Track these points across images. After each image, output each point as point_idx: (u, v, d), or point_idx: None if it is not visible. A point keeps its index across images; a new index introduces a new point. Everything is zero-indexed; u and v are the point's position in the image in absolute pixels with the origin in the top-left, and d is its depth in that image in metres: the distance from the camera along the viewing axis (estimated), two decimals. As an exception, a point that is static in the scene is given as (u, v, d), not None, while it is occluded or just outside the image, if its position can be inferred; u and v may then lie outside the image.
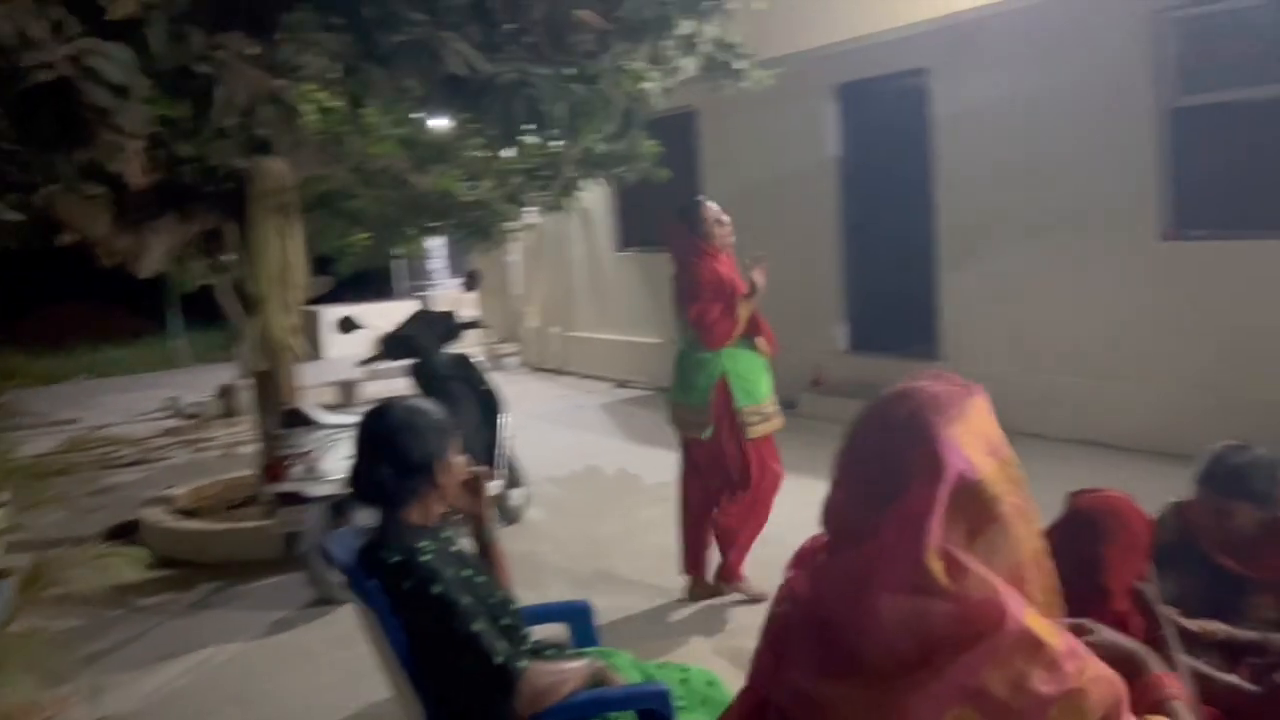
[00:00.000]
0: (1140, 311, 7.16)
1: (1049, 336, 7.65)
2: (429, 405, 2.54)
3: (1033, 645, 1.43)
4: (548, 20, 4.31)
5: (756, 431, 4.99)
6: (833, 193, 9.36)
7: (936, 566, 1.43)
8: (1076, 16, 7.14)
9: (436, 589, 2.28)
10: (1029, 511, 1.55)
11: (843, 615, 1.51)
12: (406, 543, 2.38)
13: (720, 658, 4.40)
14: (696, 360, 5.01)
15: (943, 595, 1.42)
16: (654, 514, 6.67)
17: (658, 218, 11.31)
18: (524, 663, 2.24)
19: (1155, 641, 2.60)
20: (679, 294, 5.00)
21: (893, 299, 9.37)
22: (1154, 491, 2.99)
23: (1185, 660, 2.65)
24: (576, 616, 2.86)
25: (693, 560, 5.22)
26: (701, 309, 4.86)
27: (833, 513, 1.65)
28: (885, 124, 9.25)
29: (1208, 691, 2.68)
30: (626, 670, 2.53)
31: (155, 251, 6.07)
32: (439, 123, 7.09)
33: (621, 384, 11.60)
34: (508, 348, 13.53)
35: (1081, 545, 2.50)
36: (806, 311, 9.64)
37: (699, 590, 5.17)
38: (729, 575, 5.13)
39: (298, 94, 4.35)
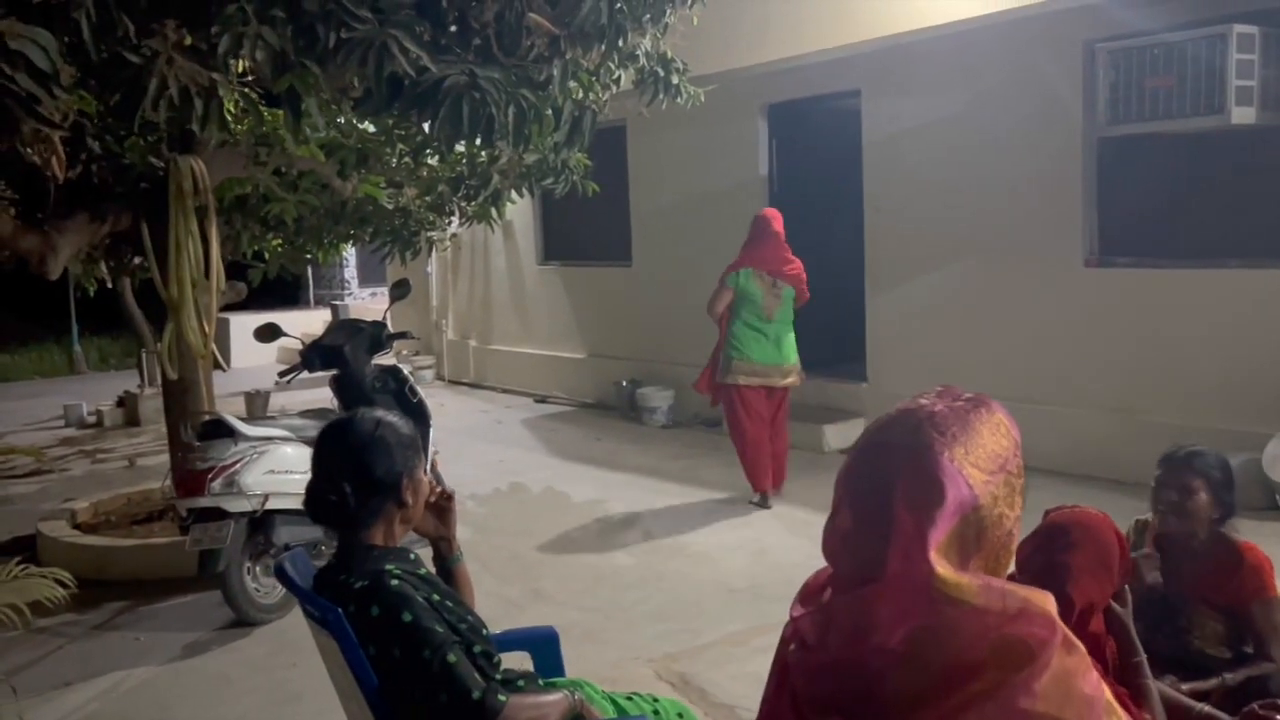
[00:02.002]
0: (1062, 337, 7.28)
1: (973, 360, 7.73)
2: (396, 418, 2.37)
3: (1069, 645, 1.40)
4: (498, 22, 4.17)
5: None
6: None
7: (955, 582, 1.37)
8: (1009, 44, 7.25)
9: (407, 616, 2.11)
10: (1020, 524, 1.52)
11: (854, 659, 1.43)
12: (371, 566, 2.21)
13: (663, 682, 4.29)
14: (790, 327, 6.96)
15: (972, 610, 1.36)
16: (584, 532, 6.55)
17: (582, 231, 11.31)
18: (503, 697, 2.09)
19: (1129, 668, 2.59)
20: (796, 277, 6.93)
21: (819, 319, 9.39)
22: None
23: (1159, 687, 2.64)
24: (543, 644, 2.72)
25: (765, 475, 6.84)
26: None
27: (836, 542, 1.58)
28: (816, 144, 9.30)
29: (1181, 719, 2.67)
30: (598, 701, 2.40)
31: (63, 252, 5.76)
32: (363, 127, 6.89)
33: (541, 399, 11.43)
34: (423, 360, 13.26)
35: (1049, 553, 2.48)
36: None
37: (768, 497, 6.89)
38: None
39: (230, 91, 4.13)
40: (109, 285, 9.04)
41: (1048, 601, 1.40)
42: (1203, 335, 6.61)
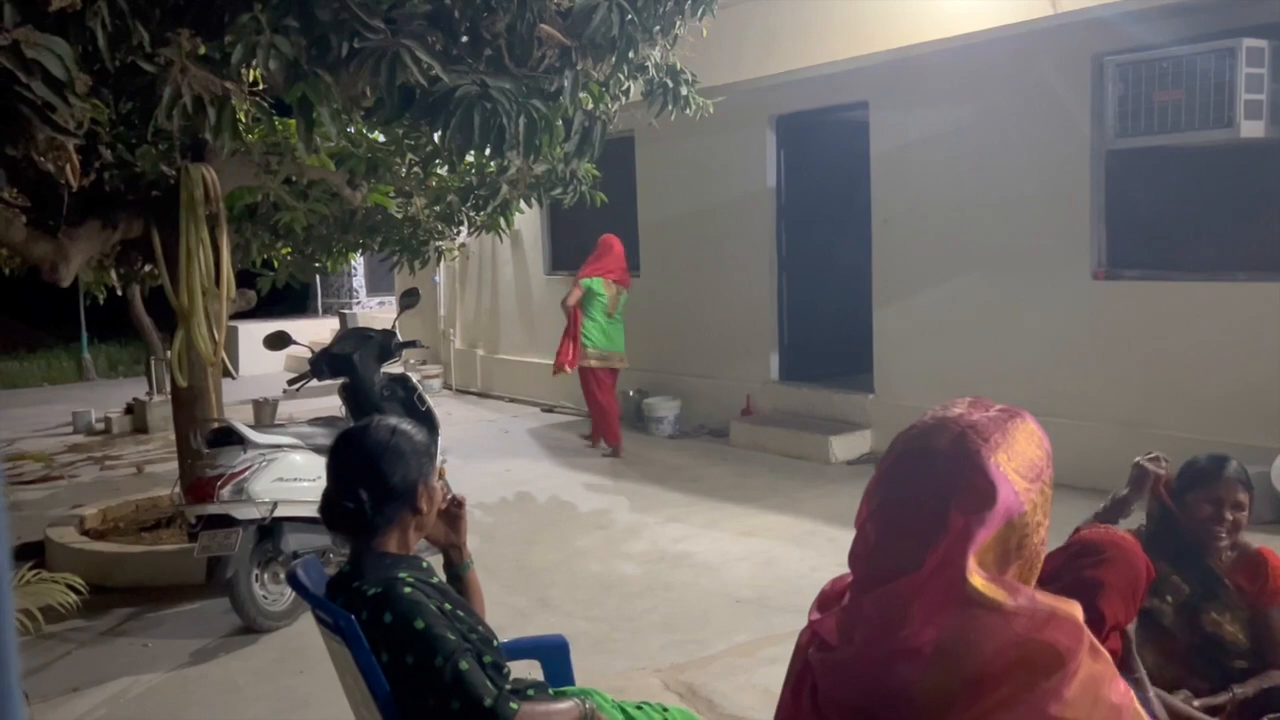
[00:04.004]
0: (1070, 349, 7.28)
1: (980, 372, 7.72)
2: (411, 426, 2.39)
3: (1095, 652, 1.42)
4: (509, 33, 4.20)
5: None
6: (769, 223, 9.38)
7: (986, 587, 1.38)
8: (1018, 57, 7.26)
9: (420, 624, 2.12)
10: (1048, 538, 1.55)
11: (880, 658, 1.44)
12: (385, 573, 2.22)
13: (670, 692, 4.29)
14: (622, 323, 9.13)
15: (1000, 614, 1.37)
16: (590, 541, 6.55)
17: (590, 242, 11.34)
18: (514, 705, 2.09)
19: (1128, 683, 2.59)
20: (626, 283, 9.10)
21: (827, 330, 9.43)
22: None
23: (1172, 703, 2.64)
24: (552, 652, 2.72)
25: (619, 434, 9.00)
26: None
27: (865, 551, 1.59)
28: (824, 156, 9.33)
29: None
30: (608, 711, 2.40)
31: (75, 260, 5.78)
32: (373, 136, 6.92)
33: (548, 409, 11.44)
34: (431, 369, 13.29)
35: (1083, 568, 2.48)
36: (739, 340, 9.64)
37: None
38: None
39: (243, 100, 4.15)
40: (118, 293, 9.08)
41: (1075, 609, 1.41)
42: (1211, 348, 6.60)
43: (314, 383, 6.28)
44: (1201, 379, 6.64)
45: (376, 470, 2.29)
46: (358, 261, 16.41)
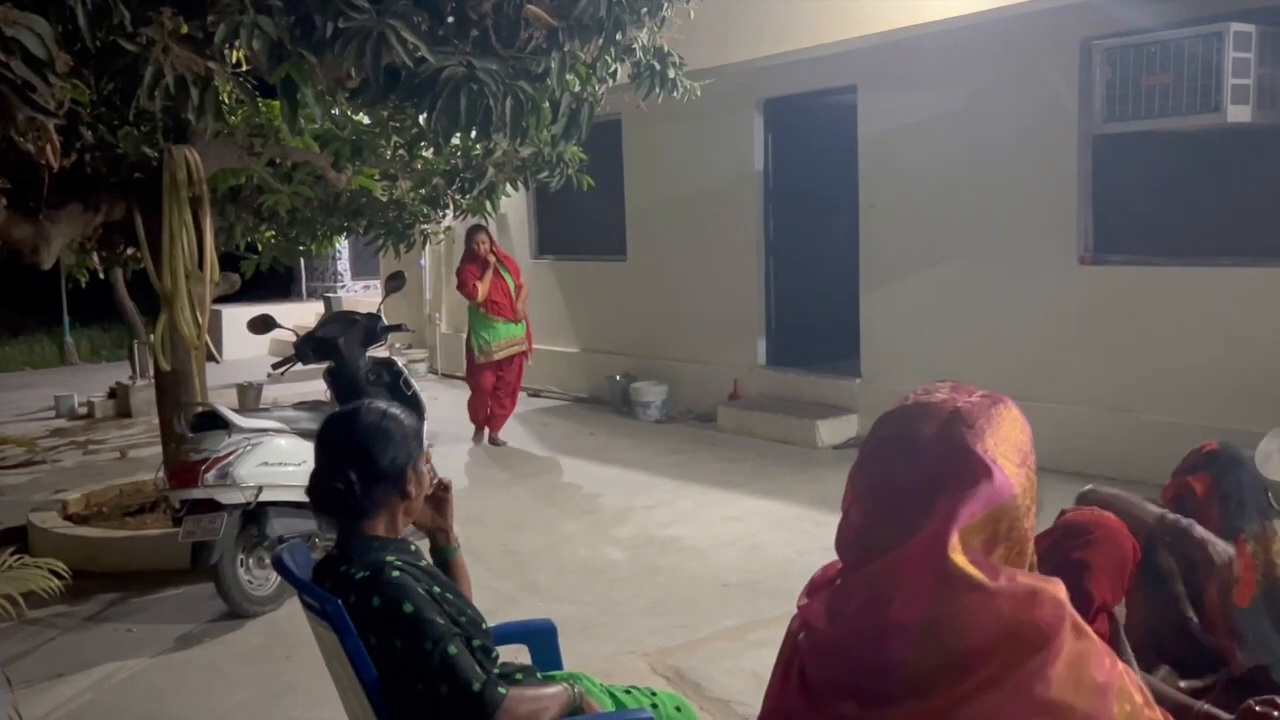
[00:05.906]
0: (1057, 333, 7.29)
1: (967, 356, 7.73)
2: (400, 410, 2.37)
3: (1079, 630, 1.42)
4: (496, 13, 4.16)
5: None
6: (756, 207, 9.36)
7: (967, 565, 1.38)
8: (1006, 41, 7.25)
9: (408, 607, 2.11)
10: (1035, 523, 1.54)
11: (869, 632, 1.44)
12: (372, 557, 2.21)
13: (658, 676, 4.29)
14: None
15: (983, 593, 1.38)
16: (577, 526, 6.55)
17: (577, 225, 11.31)
18: (502, 690, 2.08)
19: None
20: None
21: (814, 314, 9.43)
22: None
23: (1155, 684, 2.64)
24: (540, 637, 2.72)
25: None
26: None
27: (852, 536, 1.58)
28: (811, 140, 9.31)
29: (1180, 718, 2.66)
30: (596, 695, 2.40)
31: (56, 242, 5.73)
32: (358, 118, 6.86)
33: (535, 393, 11.40)
34: (416, 353, 13.25)
35: (1070, 550, 2.48)
36: (726, 324, 9.63)
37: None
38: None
39: (226, 80, 4.11)
40: (101, 276, 9.01)
41: (1057, 587, 1.41)
42: (1197, 333, 6.62)
43: (299, 367, 6.25)
44: (1187, 364, 6.66)
45: (366, 452, 2.28)
46: (342, 245, 16.30)
